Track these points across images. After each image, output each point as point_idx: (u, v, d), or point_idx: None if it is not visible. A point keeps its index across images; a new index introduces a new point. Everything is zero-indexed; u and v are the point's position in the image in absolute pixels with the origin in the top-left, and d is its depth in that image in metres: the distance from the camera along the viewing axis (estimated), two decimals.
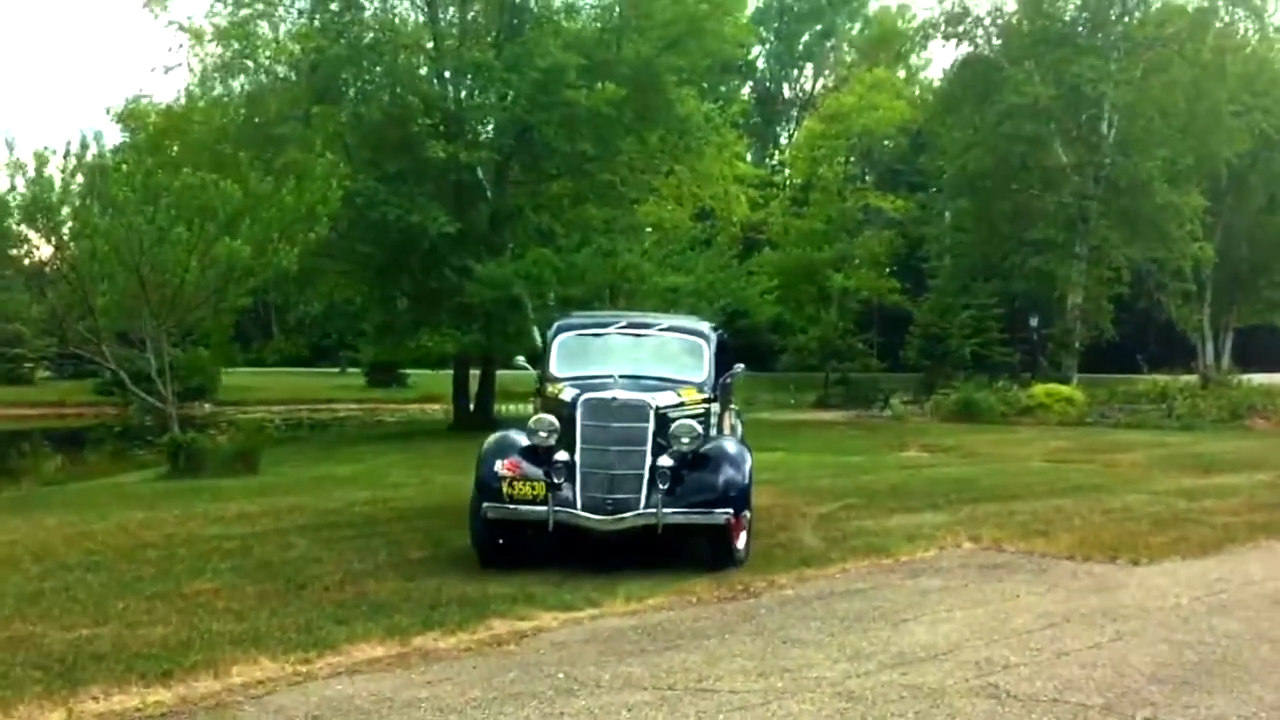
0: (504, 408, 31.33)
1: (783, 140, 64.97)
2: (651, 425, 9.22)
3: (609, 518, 8.91)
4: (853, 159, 50.69)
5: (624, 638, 7.12)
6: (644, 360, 10.49)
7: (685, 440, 9.27)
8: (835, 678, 6.24)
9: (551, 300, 26.12)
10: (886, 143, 52.01)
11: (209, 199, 18.72)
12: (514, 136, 27.94)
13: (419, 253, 27.24)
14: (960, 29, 40.71)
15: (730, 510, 9.07)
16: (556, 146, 26.89)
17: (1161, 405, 30.18)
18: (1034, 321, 42.34)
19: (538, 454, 9.19)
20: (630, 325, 11.28)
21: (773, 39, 64.44)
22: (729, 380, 11.08)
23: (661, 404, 9.45)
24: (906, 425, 29.99)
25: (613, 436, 9.16)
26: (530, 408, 11.10)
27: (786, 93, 67.54)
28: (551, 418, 9.34)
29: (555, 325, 11.22)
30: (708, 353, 10.67)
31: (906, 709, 5.70)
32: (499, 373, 31.08)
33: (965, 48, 41.54)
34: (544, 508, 8.89)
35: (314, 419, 39.64)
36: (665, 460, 9.12)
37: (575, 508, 8.91)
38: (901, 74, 51.36)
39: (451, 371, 31.74)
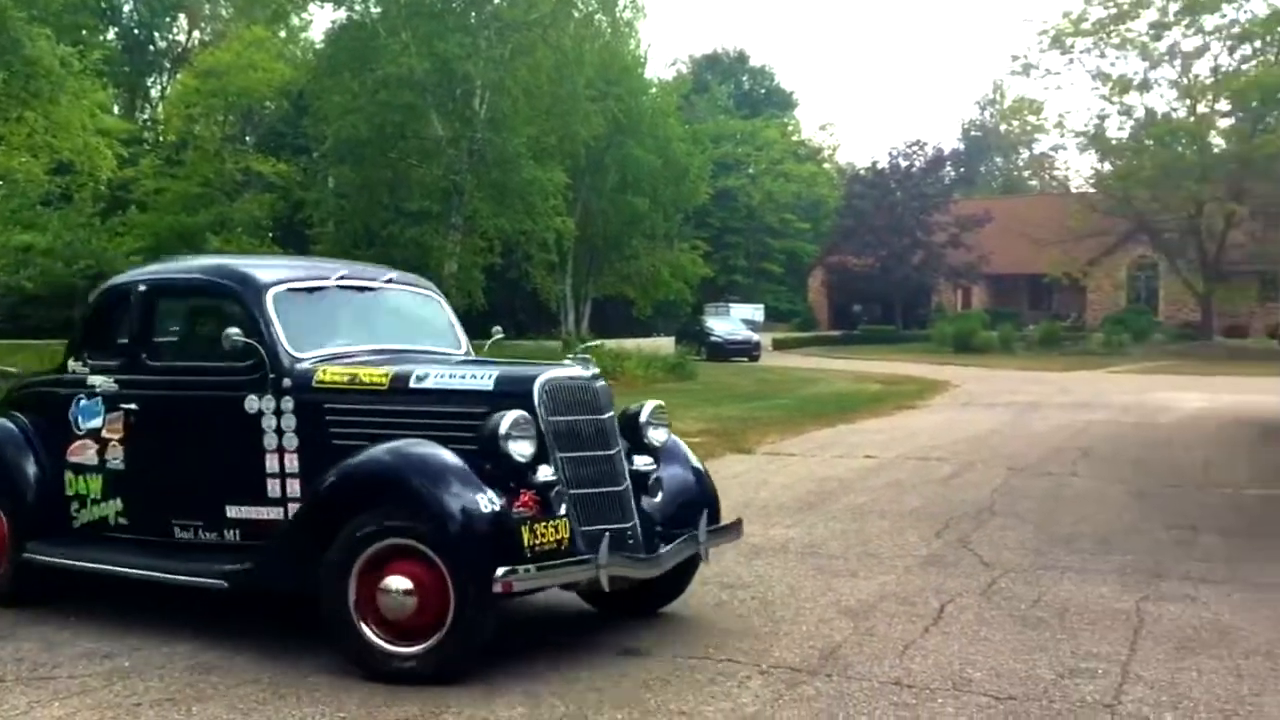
0: None
1: (155, 94, 61.71)
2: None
3: (652, 557, 6.17)
4: (232, 119, 49.21)
5: None
6: (390, 327, 7.41)
7: (662, 434, 6.84)
8: None
9: None
10: (268, 104, 50.98)
11: None
12: None
13: None
14: None
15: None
16: None
17: None
18: None
19: (495, 476, 5.74)
20: (348, 277, 7.41)
21: None
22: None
23: None
24: None
25: (592, 436, 6.23)
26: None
27: (159, 43, 64.04)
28: (524, 414, 5.86)
29: (261, 283, 6.72)
30: (449, 315, 7.97)
31: None
32: None
33: (344, 12, 41.71)
34: (587, 560, 5.76)
35: None
36: (643, 462, 6.57)
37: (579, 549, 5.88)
38: (283, 34, 50.42)
39: None
